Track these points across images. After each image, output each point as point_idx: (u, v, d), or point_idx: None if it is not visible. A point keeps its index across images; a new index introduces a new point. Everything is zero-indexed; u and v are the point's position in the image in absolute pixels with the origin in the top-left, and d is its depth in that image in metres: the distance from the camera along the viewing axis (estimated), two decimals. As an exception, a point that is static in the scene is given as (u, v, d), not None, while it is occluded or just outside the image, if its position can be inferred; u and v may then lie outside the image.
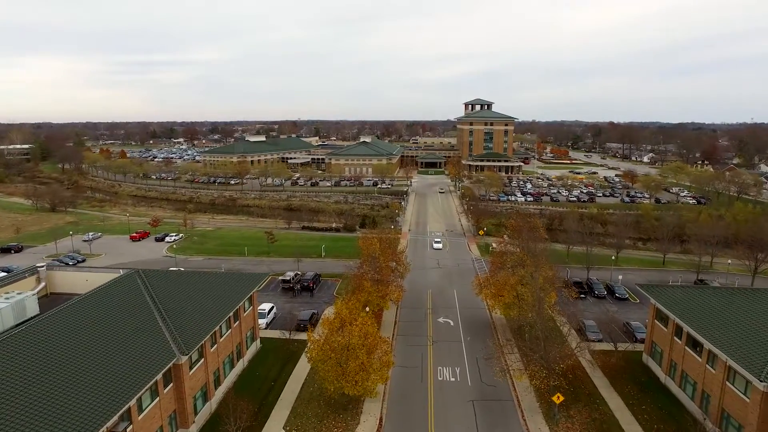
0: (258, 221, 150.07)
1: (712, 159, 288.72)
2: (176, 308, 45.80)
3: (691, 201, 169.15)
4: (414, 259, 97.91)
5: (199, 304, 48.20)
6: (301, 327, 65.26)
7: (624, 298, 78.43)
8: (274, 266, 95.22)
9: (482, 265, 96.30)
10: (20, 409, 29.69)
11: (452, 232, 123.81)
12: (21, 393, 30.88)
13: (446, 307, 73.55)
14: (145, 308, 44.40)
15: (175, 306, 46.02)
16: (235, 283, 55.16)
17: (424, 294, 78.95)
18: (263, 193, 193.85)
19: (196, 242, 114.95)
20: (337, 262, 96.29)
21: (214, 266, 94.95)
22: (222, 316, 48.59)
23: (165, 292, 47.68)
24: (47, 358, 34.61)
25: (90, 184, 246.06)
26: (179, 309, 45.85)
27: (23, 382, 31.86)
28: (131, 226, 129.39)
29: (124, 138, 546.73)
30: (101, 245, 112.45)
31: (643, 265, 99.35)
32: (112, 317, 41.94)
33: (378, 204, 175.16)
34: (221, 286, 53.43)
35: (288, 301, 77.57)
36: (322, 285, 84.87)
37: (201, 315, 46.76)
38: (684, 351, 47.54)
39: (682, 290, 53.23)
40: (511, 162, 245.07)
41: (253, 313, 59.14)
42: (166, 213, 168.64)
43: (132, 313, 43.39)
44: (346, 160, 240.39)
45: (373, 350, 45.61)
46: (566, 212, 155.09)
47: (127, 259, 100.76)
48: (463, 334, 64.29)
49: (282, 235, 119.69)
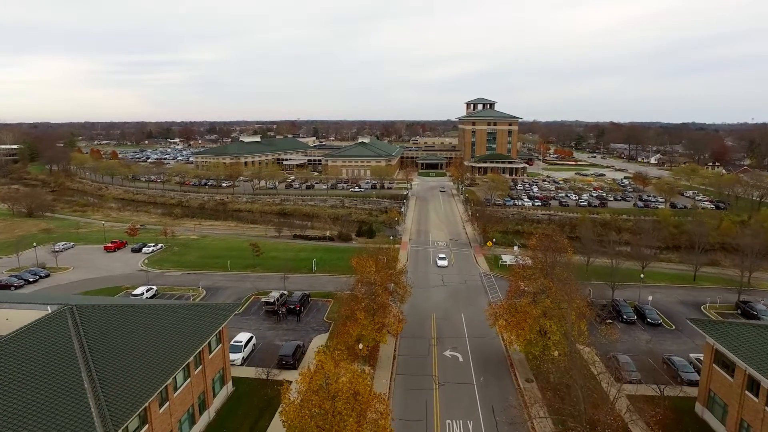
0: (248, 228, 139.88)
1: (723, 160, 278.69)
2: (114, 359, 35.71)
3: (709, 205, 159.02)
4: (415, 275, 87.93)
5: (146, 350, 38.14)
6: (284, 364, 55.33)
7: (657, 323, 68.14)
8: (259, 283, 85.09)
9: (491, 281, 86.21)
10: None
11: (456, 241, 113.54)
12: None
13: (453, 337, 63.40)
14: (70, 361, 34.29)
15: (112, 355, 35.94)
16: (198, 317, 45.07)
17: (428, 319, 68.76)
18: (256, 196, 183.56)
19: (176, 253, 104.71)
20: (330, 279, 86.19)
21: (192, 282, 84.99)
22: (176, 366, 38.53)
23: (103, 336, 37.60)
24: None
25: (77, 187, 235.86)
26: (117, 360, 35.76)
27: None
28: (107, 234, 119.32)
29: (119, 138, 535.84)
30: (71, 257, 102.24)
31: (671, 280, 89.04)
32: (24, 376, 31.90)
33: (376, 209, 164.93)
34: (181, 322, 43.31)
35: (271, 327, 67.48)
36: (312, 307, 74.70)
37: (148, 365, 36.71)
38: (765, 413, 37.41)
39: (752, 329, 42.80)
40: (516, 163, 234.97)
41: (222, 352, 49.04)
42: (151, 218, 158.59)
43: (52, 368, 33.32)
44: (343, 161, 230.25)
45: (365, 412, 35.50)
46: (578, 218, 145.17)
47: (96, 274, 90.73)
48: (474, 373, 54.16)
49: (271, 246, 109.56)
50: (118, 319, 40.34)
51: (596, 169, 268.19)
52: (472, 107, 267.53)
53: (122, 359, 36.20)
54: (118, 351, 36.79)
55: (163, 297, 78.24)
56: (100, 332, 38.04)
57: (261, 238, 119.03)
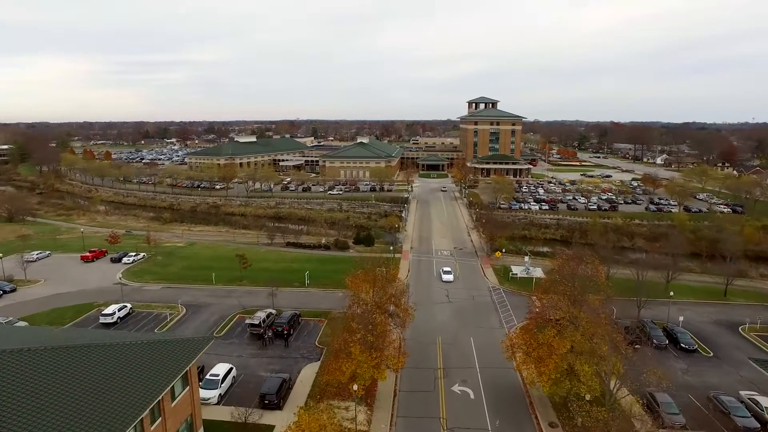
0: (239, 233, 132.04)
1: (732, 161, 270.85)
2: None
3: (725, 209, 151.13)
4: (418, 289, 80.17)
5: (81, 411, 30.10)
6: (266, 403, 47.51)
7: (692, 349, 60.10)
8: (246, 299, 77.22)
9: (502, 296, 78.32)
10: None
11: (461, 250, 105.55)
12: None
13: (463, 367, 55.51)
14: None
15: (25, 427, 27.53)
16: (158, 358, 37.12)
17: (433, 345, 60.83)
18: (250, 199, 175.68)
19: (158, 264, 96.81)
20: (324, 295, 78.36)
21: (172, 298, 77.13)
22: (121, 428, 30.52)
23: (20, 396, 29.42)
24: None
25: (66, 189, 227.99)
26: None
27: None
28: (88, 241, 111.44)
29: (116, 138, 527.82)
30: (44, 267, 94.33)
31: (698, 295, 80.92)
32: None
33: (375, 212, 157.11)
34: (132, 367, 35.32)
35: (255, 354, 59.64)
36: (302, 328, 66.79)
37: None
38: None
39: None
40: (520, 164, 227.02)
41: (191, 395, 41.15)
42: (138, 223, 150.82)
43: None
44: (341, 162, 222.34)
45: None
46: (588, 223, 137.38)
47: (68, 287, 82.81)
48: (489, 415, 46.28)
49: (261, 255, 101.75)
50: (49, 367, 32.13)
51: (602, 170, 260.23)
52: (474, 106, 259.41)
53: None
54: (34, 416, 28.15)
55: (137, 316, 70.45)
56: (20, 389, 29.47)
57: (252, 246, 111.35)
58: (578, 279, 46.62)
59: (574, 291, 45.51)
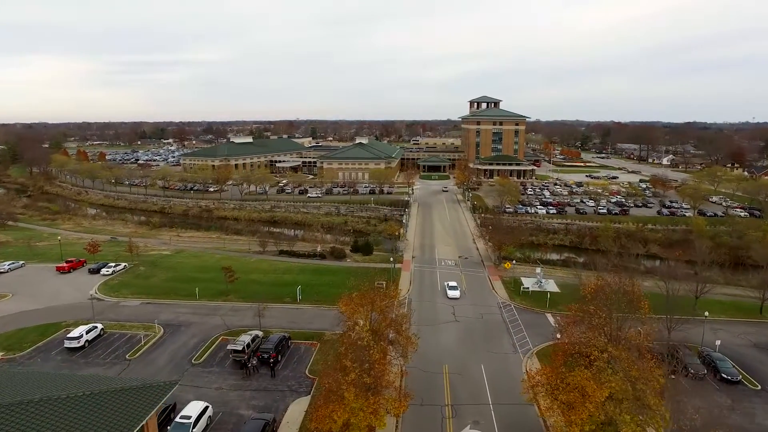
0: (231, 240, 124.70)
1: (741, 161, 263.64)
2: None
3: (742, 213, 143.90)
4: (421, 306, 72.88)
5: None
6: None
7: (735, 380, 52.74)
8: (231, 317, 69.97)
9: (513, 314, 71.04)
10: None
11: (467, 259, 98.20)
12: None
13: (474, 403, 48.22)
14: None
15: None
16: (102, 419, 29.89)
17: (439, 375, 53.50)
18: (244, 202, 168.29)
19: (140, 275, 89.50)
20: (317, 312, 71.14)
21: (150, 316, 69.82)
22: None
23: None
24: None
25: (56, 191, 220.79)
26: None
27: None
28: (67, 249, 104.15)
29: (113, 139, 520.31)
30: (16, 279, 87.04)
31: (730, 312, 73.44)
32: None
33: (375, 216, 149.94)
34: (73, 426, 28.14)
35: (237, 385, 52.35)
36: (292, 353, 59.48)
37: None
38: None
39: None
40: (523, 165, 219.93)
41: (148, 453, 33.95)
42: (126, 228, 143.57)
43: None
44: (339, 164, 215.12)
45: None
46: (599, 228, 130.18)
47: (38, 303, 75.49)
48: (507, 469, 39.10)
49: (252, 265, 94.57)
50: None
51: (607, 170, 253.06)
52: (476, 106, 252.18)
53: None
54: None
55: (108, 339, 63.17)
56: None
57: (242, 255, 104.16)
58: (615, 305, 39.23)
59: (613, 325, 38.24)
